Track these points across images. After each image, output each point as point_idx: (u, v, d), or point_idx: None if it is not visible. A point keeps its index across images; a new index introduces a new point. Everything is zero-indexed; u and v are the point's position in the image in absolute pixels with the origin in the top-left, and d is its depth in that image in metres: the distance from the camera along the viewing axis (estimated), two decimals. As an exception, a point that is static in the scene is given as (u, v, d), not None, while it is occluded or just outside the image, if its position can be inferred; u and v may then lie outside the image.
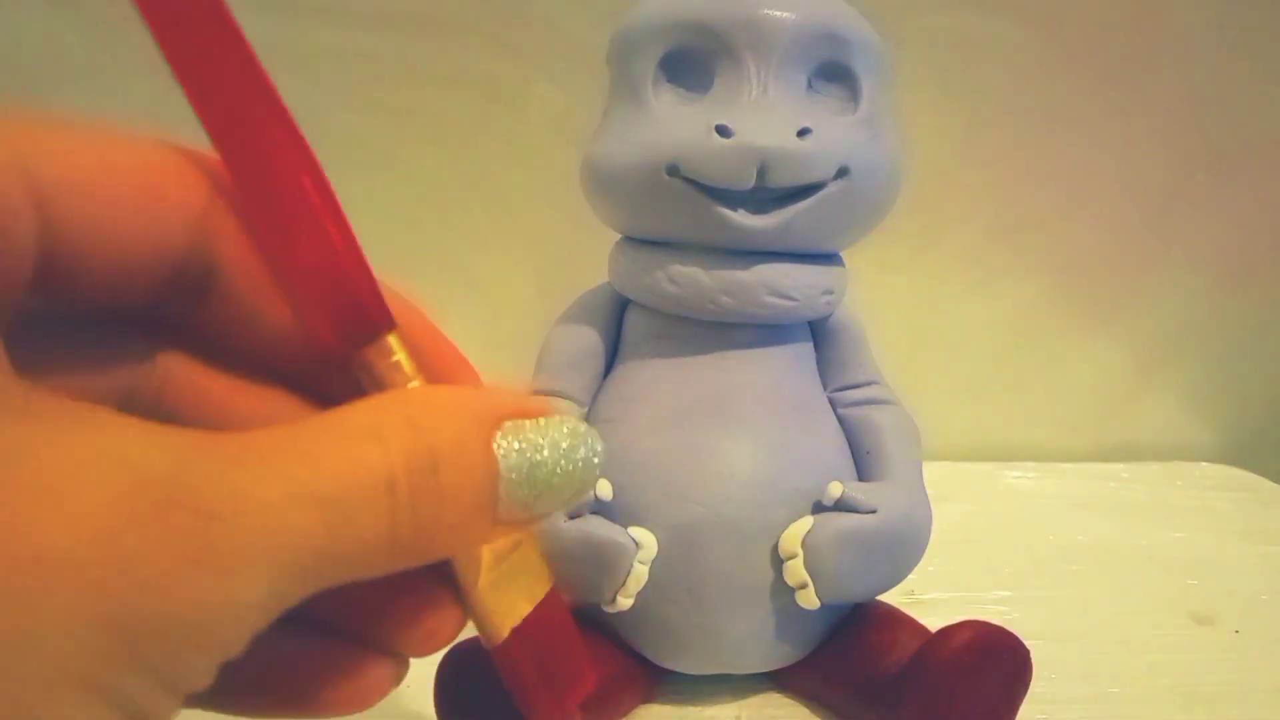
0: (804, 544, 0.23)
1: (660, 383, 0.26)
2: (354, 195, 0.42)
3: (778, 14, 0.23)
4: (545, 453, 0.13)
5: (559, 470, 0.13)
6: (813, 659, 0.26)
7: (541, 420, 0.13)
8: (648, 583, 0.23)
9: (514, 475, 0.13)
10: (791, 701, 0.27)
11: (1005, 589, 0.34)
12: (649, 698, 0.26)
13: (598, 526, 0.23)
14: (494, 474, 0.13)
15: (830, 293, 0.26)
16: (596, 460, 0.14)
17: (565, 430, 0.13)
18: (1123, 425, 0.50)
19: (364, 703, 0.14)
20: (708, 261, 0.25)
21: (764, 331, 0.26)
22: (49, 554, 0.09)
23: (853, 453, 0.27)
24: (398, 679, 0.15)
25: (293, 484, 0.11)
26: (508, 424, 0.13)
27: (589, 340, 0.28)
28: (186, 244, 0.13)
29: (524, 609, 0.15)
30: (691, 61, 0.24)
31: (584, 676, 0.17)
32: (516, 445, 0.13)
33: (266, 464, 0.11)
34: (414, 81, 0.40)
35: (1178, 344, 0.48)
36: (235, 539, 0.10)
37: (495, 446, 0.13)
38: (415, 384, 0.14)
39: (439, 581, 0.15)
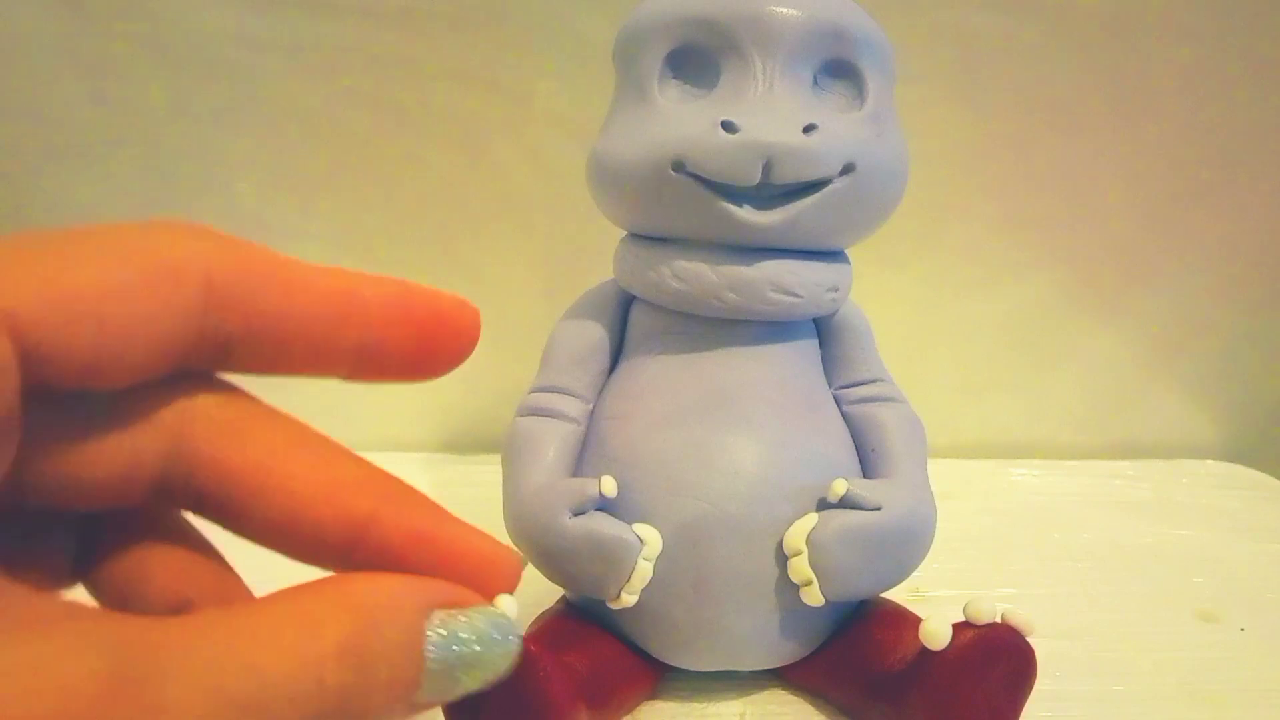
0: (808, 541, 0.23)
1: (665, 379, 0.26)
2: (358, 192, 0.43)
3: (784, 11, 0.23)
4: (470, 646, 0.14)
5: (479, 662, 0.14)
6: (817, 656, 0.26)
7: (469, 613, 0.14)
8: (652, 579, 0.24)
9: (437, 667, 0.13)
10: (796, 698, 0.27)
11: (1010, 586, 0.34)
12: (653, 694, 0.26)
13: (602, 523, 0.23)
14: (420, 667, 0.13)
15: (835, 289, 0.26)
16: (509, 651, 0.14)
17: (491, 621, 0.14)
18: (1128, 423, 0.50)
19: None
20: (713, 258, 0.25)
21: (769, 328, 0.26)
22: None
23: (858, 450, 0.27)
24: None
25: (214, 682, 0.11)
26: (438, 615, 0.14)
27: (594, 336, 0.28)
28: (190, 333, 0.13)
29: None
30: (697, 58, 0.24)
31: None
32: (444, 639, 0.14)
33: (197, 667, 0.11)
34: (418, 78, 0.40)
35: (1183, 341, 0.48)
36: None
37: (425, 640, 0.13)
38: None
39: None
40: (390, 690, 0.13)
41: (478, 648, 0.14)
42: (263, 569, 0.16)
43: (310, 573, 0.15)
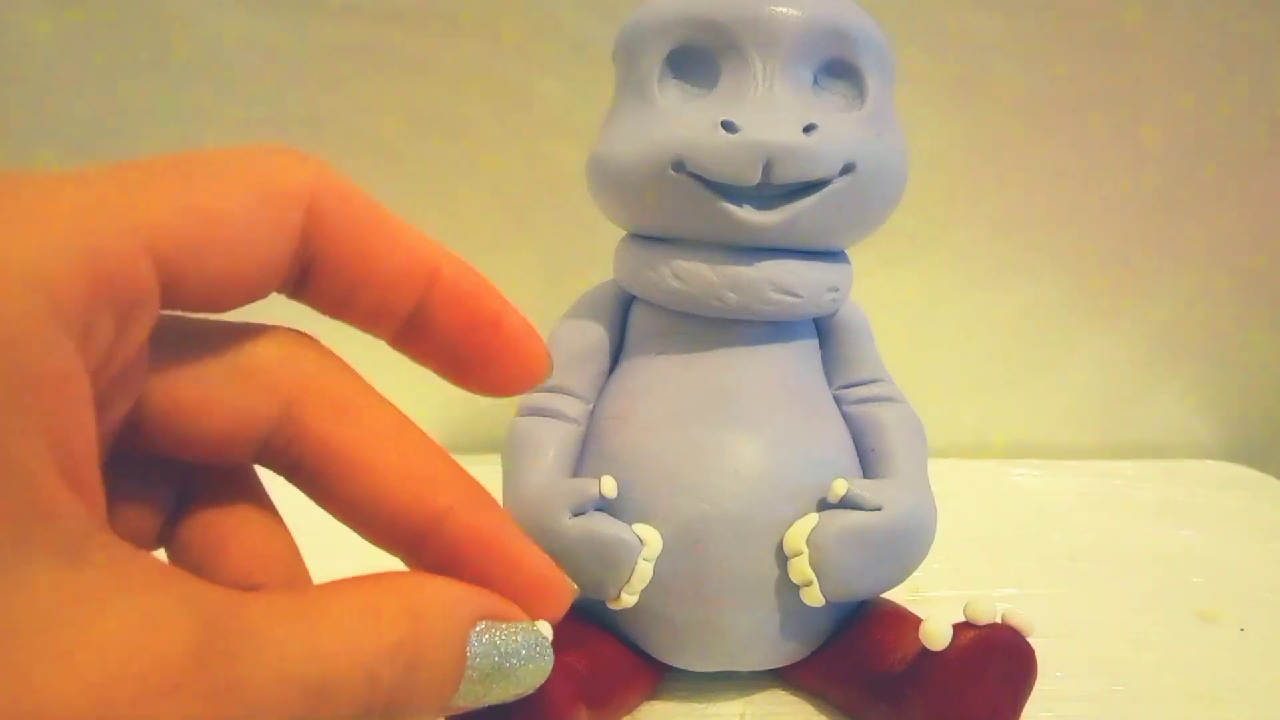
0: (809, 541, 0.23)
1: (665, 379, 0.26)
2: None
3: (784, 11, 0.23)
4: (507, 659, 0.14)
5: (513, 674, 0.15)
6: (818, 656, 0.26)
7: (512, 626, 0.15)
8: (652, 580, 0.24)
9: (476, 674, 0.14)
10: (796, 699, 0.27)
11: (1010, 586, 0.34)
12: (654, 695, 0.26)
13: (602, 523, 0.23)
14: (461, 672, 0.14)
15: (835, 289, 0.26)
16: (542, 668, 0.15)
17: (528, 638, 0.15)
18: (1128, 422, 0.50)
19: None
20: (713, 258, 0.25)
21: (769, 328, 0.26)
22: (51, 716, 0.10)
23: (858, 450, 0.27)
24: None
25: (285, 666, 0.12)
26: (482, 624, 0.14)
27: (594, 336, 0.28)
28: (290, 256, 0.14)
29: None
30: (697, 58, 0.24)
31: None
32: (486, 648, 0.14)
33: (272, 650, 0.12)
34: (418, 78, 0.40)
35: (1183, 341, 0.48)
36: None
37: (468, 647, 0.14)
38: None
39: None
40: (431, 690, 0.13)
41: (513, 661, 0.15)
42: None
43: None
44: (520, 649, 0.15)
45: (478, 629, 0.14)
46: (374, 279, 0.15)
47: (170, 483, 0.16)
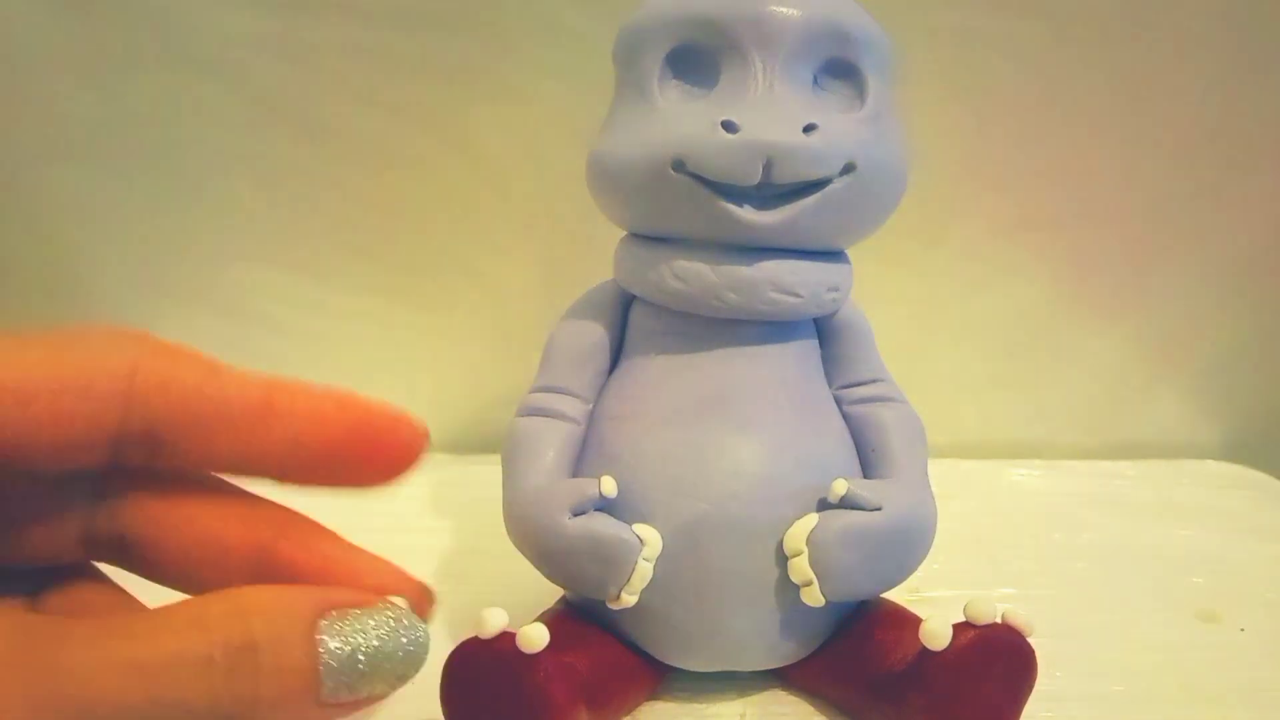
0: (809, 541, 0.23)
1: (665, 379, 0.26)
2: (358, 191, 0.43)
3: (784, 10, 0.23)
4: (366, 640, 0.15)
5: (379, 657, 0.15)
6: (818, 656, 0.26)
7: (365, 610, 0.15)
8: (652, 580, 0.24)
9: (334, 661, 0.14)
10: (796, 699, 0.27)
11: (1010, 586, 0.34)
12: (653, 695, 0.26)
13: (602, 523, 0.23)
14: (313, 657, 0.14)
15: (836, 289, 0.26)
16: (416, 649, 0.15)
17: (387, 620, 0.15)
18: (1129, 423, 0.50)
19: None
20: (713, 258, 0.25)
21: (769, 328, 0.26)
22: None
23: (858, 450, 0.27)
24: None
25: (112, 654, 0.12)
26: (332, 613, 0.14)
27: (594, 336, 0.28)
28: (111, 420, 0.15)
29: None
30: (697, 58, 0.24)
31: None
32: (337, 632, 0.14)
33: (92, 636, 0.12)
34: (419, 77, 0.40)
35: (1185, 341, 0.48)
36: (53, 703, 0.12)
37: (317, 634, 0.14)
38: None
39: None
40: (284, 678, 0.14)
41: (376, 642, 0.15)
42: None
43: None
44: (384, 630, 0.15)
45: (330, 617, 0.14)
46: (227, 429, 0.16)
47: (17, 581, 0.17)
